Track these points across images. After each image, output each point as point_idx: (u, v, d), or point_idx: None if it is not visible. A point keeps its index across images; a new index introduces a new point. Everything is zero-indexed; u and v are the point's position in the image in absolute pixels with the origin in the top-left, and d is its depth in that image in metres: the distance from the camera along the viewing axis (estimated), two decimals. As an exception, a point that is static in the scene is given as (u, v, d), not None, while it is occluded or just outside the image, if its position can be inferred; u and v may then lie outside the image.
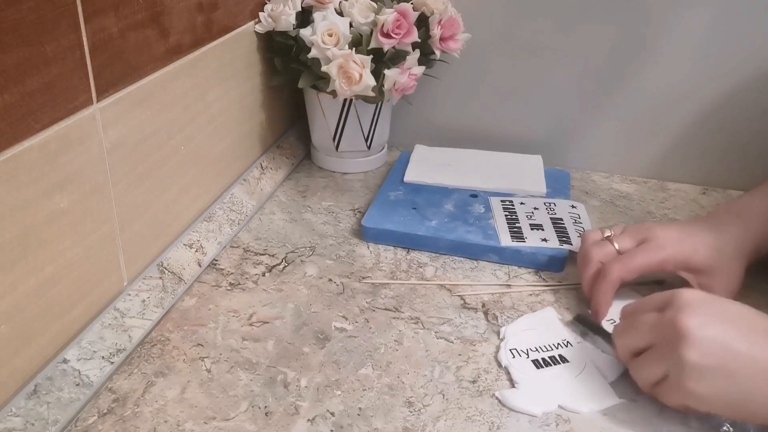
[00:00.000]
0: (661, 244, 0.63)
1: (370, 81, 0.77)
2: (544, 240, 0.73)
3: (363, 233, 0.76)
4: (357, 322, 0.64)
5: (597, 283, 0.64)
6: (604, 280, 0.63)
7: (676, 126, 0.87)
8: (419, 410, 0.55)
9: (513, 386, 0.57)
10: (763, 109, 0.84)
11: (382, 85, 0.80)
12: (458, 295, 0.68)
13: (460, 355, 0.61)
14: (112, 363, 0.57)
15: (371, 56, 0.77)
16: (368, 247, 0.75)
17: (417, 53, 0.81)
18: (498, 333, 0.63)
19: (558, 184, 0.85)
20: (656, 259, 0.63)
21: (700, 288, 0.63)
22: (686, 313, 0.51)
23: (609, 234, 0.66)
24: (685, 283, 0.64)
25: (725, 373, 0.49)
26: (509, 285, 0.70)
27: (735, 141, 0.86)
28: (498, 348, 0.61)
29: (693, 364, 0.49)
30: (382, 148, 0.94)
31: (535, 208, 0.79)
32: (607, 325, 0.63)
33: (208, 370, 0.58)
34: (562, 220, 0.77)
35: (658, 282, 0.68)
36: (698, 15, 0.81)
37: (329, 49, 0.77)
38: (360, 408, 0.55)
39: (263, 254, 0.74)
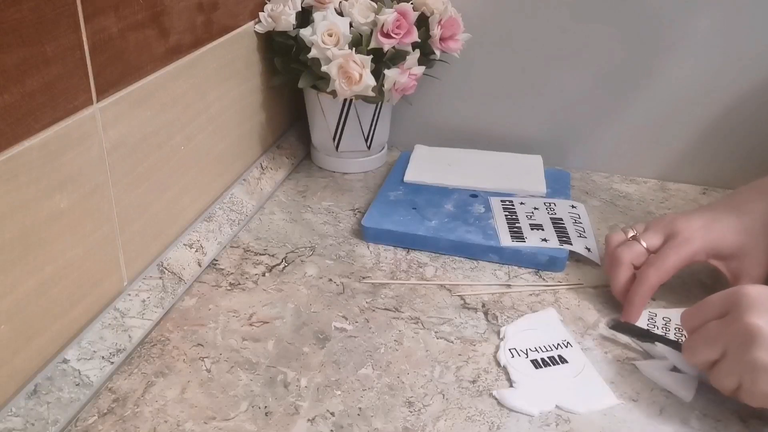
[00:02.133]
0: (687, 237, 0.62)
1: (370, 81, 0.77)
2: (544, 240, 0.73)
3: (363, 233, 0.76)
4: (357, 322, 0.64)
5: (634, 289, 0.62)
6: (642, 287, 0.62)
7: (677, 126, 0.87)
8: (419, 410, 0.55)
9: (511, 386, 0.57)
10: (764, 111, 0.84)
11: (382, 85, 0.80)
12: (458, 295, 0.68)
13: (460, 355, 0.61)
14: (112, 363, 0.57)
15: (371, 56, 0.77)
16: (368, 247, 0.75)
17: (417, 53, 0.81)
18: (498, 333, 0.63)
19: (558, 184, 0.85)
20: (688, 254, 0.61)
21: (731, 273, 0.62)
22: (753, 313, 0.48)
23: (633, 233, 0.65)
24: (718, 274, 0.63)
25: None
26: (509, 285, 0.70)
27: (735, 141, 0.86)
28: (498, 348, 0.61)
29: (766, 365, 0.47)
30: (382, 148, 0.94)
31: (535, 208, 0.79)
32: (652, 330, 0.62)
33: (208, 370, 0.58)
34: (562, 220, 0.77)
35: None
36: (701, 18, 0.81)
37: (329, 49, 0.77)
38: (360, 408, 0.55)
39: (263, 254, 0.74)
